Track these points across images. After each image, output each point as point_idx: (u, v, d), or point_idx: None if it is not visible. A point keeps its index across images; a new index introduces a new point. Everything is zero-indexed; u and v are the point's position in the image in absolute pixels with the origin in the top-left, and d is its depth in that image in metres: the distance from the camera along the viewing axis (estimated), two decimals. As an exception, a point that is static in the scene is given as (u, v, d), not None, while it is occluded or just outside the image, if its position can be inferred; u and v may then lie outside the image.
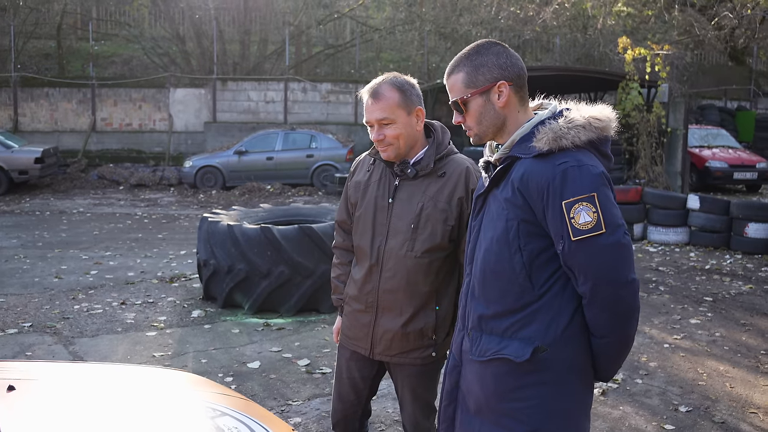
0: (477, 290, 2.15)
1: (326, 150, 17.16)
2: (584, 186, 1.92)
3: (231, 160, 16.73)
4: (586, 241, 1.92)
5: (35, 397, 2.08)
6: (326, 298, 6.58)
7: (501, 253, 2.06)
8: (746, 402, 4.64)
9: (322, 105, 20.39)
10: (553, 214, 1.95)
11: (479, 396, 2.13)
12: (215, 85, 19.76)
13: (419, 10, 22.98)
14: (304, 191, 16.54)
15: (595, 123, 2.03)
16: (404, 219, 2.62)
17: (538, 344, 2.01)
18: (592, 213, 1.91)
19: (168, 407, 2.14)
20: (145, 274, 8.05)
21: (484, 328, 2.13)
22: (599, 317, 1.99)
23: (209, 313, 6.51)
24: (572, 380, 2.05)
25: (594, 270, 1.93)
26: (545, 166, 1.97)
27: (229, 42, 21.98)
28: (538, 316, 2.03)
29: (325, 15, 23.02)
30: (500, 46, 2.14)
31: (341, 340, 2.89)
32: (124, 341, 5.67)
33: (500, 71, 2.10)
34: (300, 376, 4.96)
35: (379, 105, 2.58)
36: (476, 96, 2.11)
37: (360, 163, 2.86)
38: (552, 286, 2.03)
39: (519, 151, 2.06)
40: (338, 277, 2.92)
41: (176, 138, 19.50)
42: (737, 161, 15.44)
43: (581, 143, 2.00)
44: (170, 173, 17.47)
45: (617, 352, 2.06)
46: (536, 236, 2.02)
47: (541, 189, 1.96)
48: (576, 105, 2.12)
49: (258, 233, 6.44)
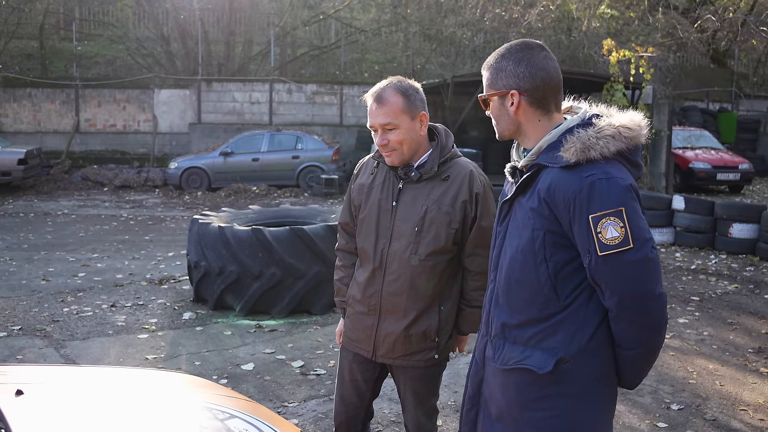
0: (501, 298, 2.13)
1: (312, 151, 17.15)
2: (612, 200, 1.88)
3: (216, 161, 16.67)
4: (612, 257, 1.89)
5: (46, 401, 2.08)
6: (318, 300, 6.59)
7: (526, 262, 2.03)
8: (736, 399, 4.71)
9: (308, 106, 20.37)
10: (580, 228, 1.92)
11: (501, 403, 2.12)
12: (200, 86, 19.68)
13: (404, 11, 23.02)
14: (290, 192, 16.51)
15: (626, 132, 1.98)
16: (408, 222, 2.62)
17: (561, 355, 1.99)
18: (620, 228, 1.88)
19: (178, 410, 2.14)
20: (134, 276, 8.01)
21: (507, 336, 2.11)
22: (626, 331, 1.97)
23: (200, 315, 6.49)
24: (595, 391, 2.03)
25: (621, 285, 1.91)
26: (572, 178, 1.94)
27: (214, 43, 21.90)
28: (562, 327, 2.01)
29: (310, 16, 22.99)
30: (526, 52, 2.07)
31: (343, 342, 2.89)
32: (116, 344, 5.64)
33: (515, 80, 2.06)
34: (295, 377, 4.97)
35: (383, 110, 2.57)
36: (494, 98, 2.12)
37: (363, 165, 2.86)
38: (577, 297, 2.01)
39: (546, 160, 2.02)
40: (341, 280, 2.91)
41: (161, 139, 19.39)
42: (720, 162, 15.61)
43: (610, 154, 1.95)
44: (155, 174, 17.37)
45: (644, 363, 2.05)
46: (562, 247, 1.99)
47: (568, 201, 1.93)
48: (607, 111, 2.08)
49: (249, 235, 6.43)
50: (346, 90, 20.54)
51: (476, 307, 2.73)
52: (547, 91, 2.07)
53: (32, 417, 1.95)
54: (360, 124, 20.32)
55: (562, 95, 2.12)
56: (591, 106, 2.15)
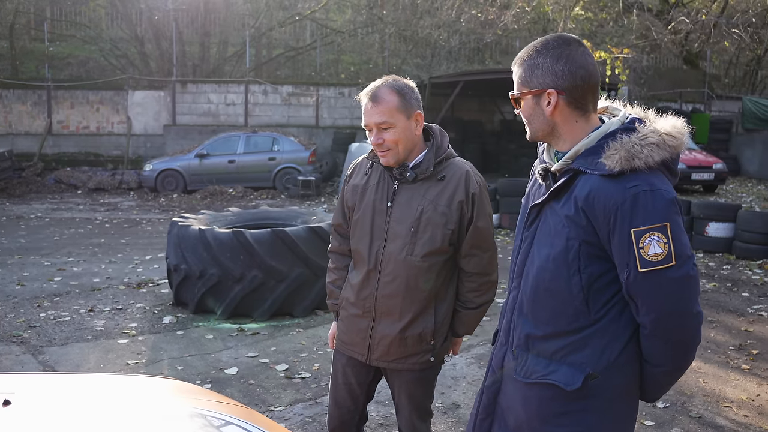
0: (526, 307, 2.04)
1: (288, 153, 17.06)
2: (657, 214, 1.79)
3: (192, 163, 16.52)
4: (654, 273, 1.80)
5: (35, 411, 2.01)
6: (300, 302, 6.53)
7: (558, 272, 1.93)
8: (720, 396, 4.74)
9: (283, 107, 20.27)
10: (620, 241, 1.82)
11: (520, 415, 2.04)
12: (175, 87, 19.48)
13: (380, 12, 22.99)
14: (267, 194, 16.41)
15: (670, 141, 1.88)
16: (404, 223, 2.58)
17: (589, 371, 1.91)
18: (664, 244, 1.79)
19: (171, 418, 2.09)
20: (111, 280, 7.89)
21: (530, 348, 2.02)
22: (659, 348, 1.90)
23: (181, 318, 6.40)
24: (620, 406, 1.97)
25: (660, 303, 1.83)
26: (615, 188, 1.82)
27: (189, 44, 21.70)
28: (591, 342, 1.92)
29: (285, 17, 22.87)
30: (564, 48, 1.93)
31: (337, 346, 2.84)
32: (96, 349, 5.53)
33: (553, 78, 1.92)
34: (279, 381, 4.91)
35: (378, 109, 2.53)
36: (527, 97, 1.98)
37: (357, 166, 2.82)
38: (609, 311, 1.92)
39: (584, 165, 1.90)
40: (334, 282, 2.87)
41: (135, 141, 19.17)
42: (695, 162, 15.79)
43: (654, 164, 1.84)
44: (130, 177, 17.17)
45: (671, 380, 2.00)
46: (598, 259, 1.90)
47: (609, 212, 1.83)
48: (648, 115, 1.98)
49: (230, 237, 6.35)
50: (322, 91, 20.48)
51: (472, 309, 2.70)
52: (586, 90, 1.94)
53: (23, 428, 1.88)
54: (336, 125, 20.27)
55: (599, 94, 2.01)
56: (628, 107, 2.05)
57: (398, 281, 2.59)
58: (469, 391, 4.76)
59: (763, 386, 4.97)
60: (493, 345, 2.26)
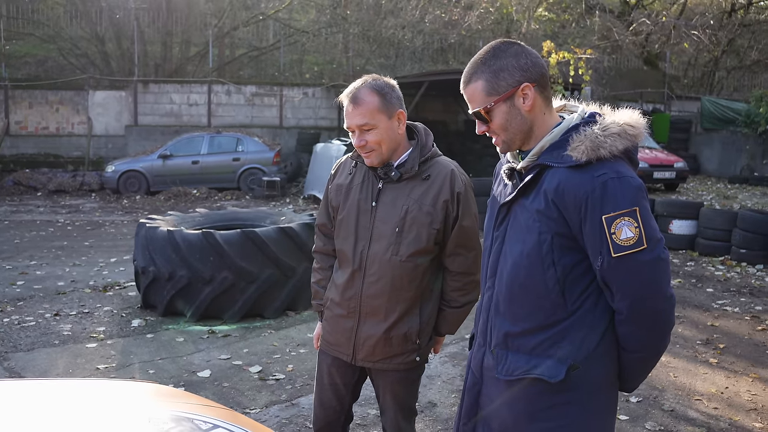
0: (502, 306, 2.05)
1: (253, 153, 16.93)
2: (626, 200, 1.83)
3: (155, 164, 16.30)
4: (626, 258, 1.84)
5: (18, 417, 1.95)
6: (270, 304, 6.48)
7: (532, 267, 1.95)
8: (690, 390, 4.83)
9: (247, 108, 20.11)
10: (592, 229, 1.86)
11: (506, 417, 2.04)
12: (136, 87, 19.19)
13: (344, 12, 22.95)
14: (231, 195, 16.27)
15: (630, 130, 1.93)
16: (388, 222, 2.56)
17: (571, 362, 1.93)
18: (635, 228, 1.83)
19: (159, 422, 2.05)
20: (76, 283, 7.73)
21: (510, 346, 2.03)
22: (635, 333, 1.93)
23: (150, 321, 6.30)
24: (602, 396, 2.00)
25: (634, 287, 1.86)
26: (583, 178, 1.87)
27: (150, 43, 21.39)
28: (569, 334, 1.95)
29: (249, 17, 22.69)
30: (517, 45, 2.00)
31: (322, 346, 2.81)
32: (64, 354, 5.41)
33: (522, 73, 1.95)
34: (254, 383, 4.86)
35: (359, 110, 2.50)
36: (500, 103, 1.98)
37: (341, 165, 2.79)
38: (584, 302, 1.95)
39: (550, 159, 1.94)
40: (318, 282, 2.84)
41: (96, 142, 18.82)
42: (656, 161, 16.05)
43: (618, 152, 1.89)
44: (91, 178, 16.85)
45: (647, 366, 2.03)
46: (570, 250, 1.92)
47: (579, 202, 1.86)
48: (606, 109, 2.03)
49: (200, 238, 6.27)
50: (285, 91, 20.36)
51: (456, 308, 2.69)
52: (548, 80, 2.02)
53: None
54: (300, 125, 20.17)
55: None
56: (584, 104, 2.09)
57: (383, 281, 2.57)
58: (445, 389, 4.77)
59: (731, 379, 5.07)
60: (470, 349, 2.26)
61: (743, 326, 6.40)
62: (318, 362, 2.85)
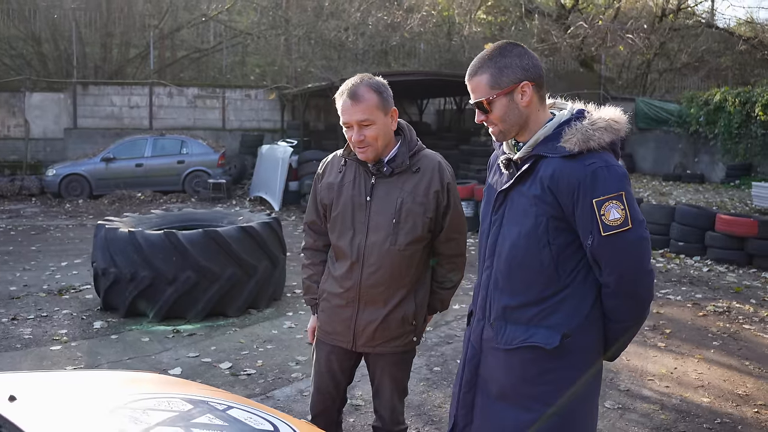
0: (501, 282, 2.27)
1: (198, 156, 16.82)
2: (613, 185, 2.07)
3: (98, 167, 16.03)
4: (614, 236, 2.07)
5: (43, 405, 2.03)
6: (233, 302, 6.54)
7: (529, 247, 2.18)
8: (642, 371, 5.14)
9: (189, 110, 19.92)
10: (583, 211, 2.09)
11: (504, 382, 2.27)
12: (75, 89, 18.79)
13: (285, 14, 22.92)
14: (177, 198, 16.14)
15: (615, 125, 2.17)
16: (384, 215, 2.70)
17: (564, 331, 2.17)
18: (621, 210, 2.06)
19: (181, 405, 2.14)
20: (29, 287, 7.61)
21: (508, 318, 2.25)
22: (621, 305, 2.17)
23: (112, 323, 6.28)
24: (591, 361, 2.24)
25: (621, 262, 2.10)
26: (575, 166, 2.10)
27: (89, 44, 20.92)
28: (563, 305, 2.18)
29: (189, 18, 22.45)
30: (521, 47, 2.22)
31: (319, 336, 2.92)
32: (28, 357, 5.37)
33: (524, 72, 2.18)
34: (226, 379, 4.93)
35: (359, 107, 2.63)
36: (501, 96, 2.19)
37: (329, 164, 2.90)
38: (575, 277, 2.18)
39: (545, 150, 2.17)
40: (310, 278, 2.95)
41: (34, 145, 18.35)
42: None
43: (606, 144, 2.13)
44: (30, 182, 16.46)
45: (630, 336, 2.28)
46: (563, 231, 2.16)
47: (572, 187, 2.09)
48: (592, 107, 2.26)
49: (162, 239, 6.29)
50: (228, 93, 20.25)
51: (449, 288, 2.90)
52: (544, 80, 2.25)
53: (37, 420, 1.91)
54: (243, 127, 20.09)
55: None
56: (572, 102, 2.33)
57: (382, 271, 2.71)
58: (413, 378, 4.91)
59: (678, 360, 5.40)
60: (468, 324, 2.47)
61: (686, 313, 6.77)
62: (316, 352, 2.96)
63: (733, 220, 9.14)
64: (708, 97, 18.49)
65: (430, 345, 5.71)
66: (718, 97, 17.99)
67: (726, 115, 17.71)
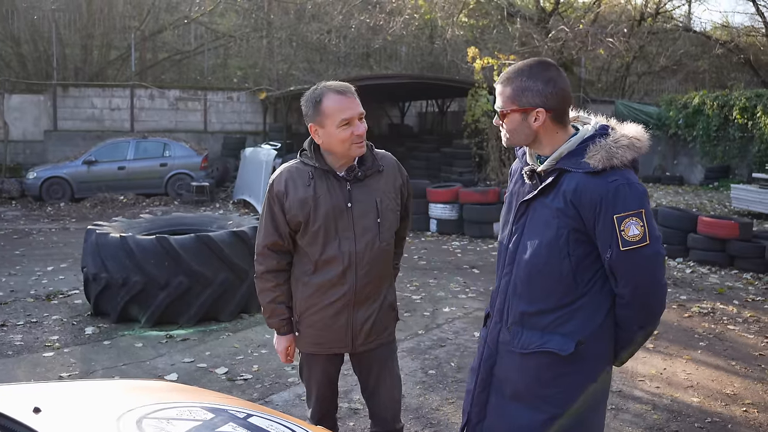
0: (520, 288, 2.35)
1: (181, 158, 16.76)
2: (634, 203, 2.16)
3: (80, 170, 15.91)
4: (632, 251, 2.17)
5: (67, 416, 2.05)
6: (226, 307, 6.55)
7: (550, 257, 2.27)
8: (633, 372, 5.23)
9: (171, 112, 19.85)
10: (604, 226, 2.18)
11: (518, 384, 2.37)
12: (55, 91, 18.65)
13: (267, 16, 22.91)
14: (160, 201, 16.06)
15: (637, 143, 2.25)
16: (368, 217, 2.78)
17: (579, 338, 2.26)
18: (640, 227, 2.16)
19: (203, 415, 2.17)
20: (17, 293, 7.56)
21: (525, 324, 2.35)
22: (634, 315, 2.27)
23: (104, 328, 6.27)
24: (601, 368, 2.34)
25: (637, 276, 2.21)
26: (598, 183, 2.18)
27: (69, 46, 20.76)
28: (578, 313, 2.28)
29: (171, 20, 22.35)
30: (555, 71, 2.27)
31: (311, 350, 2.90)
32: (21, 364, 5.35)
33: (542, 99, 2.25)
34: (223, 384, 4.95)
35: (357, 101, 2.72)
36: (515, 113, 2.29)
37: (289, 180, 2.77)
38: (592, 287, 2.28)
39: (568, 165, 2.25)
40: (275, 300, 2.87)
41: (13, 147, 18.19)
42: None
43: (627, 162, 2.22)
44: (11, 185, 16.29)
45: (639, 343, 2.38)
46: (583, 243, 2.25)
47: (594, 203, 2.18)
48: (616, 123, 2.34)
49: (154, 244, 6.28)
50: (210, 96, 20.20)
51: (397, 267, 3.13)
52: (567, 108, 2.32)
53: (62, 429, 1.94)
54: (225, 130, 20.06)
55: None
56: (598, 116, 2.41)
57: (374, 270, 2.81)
58: (409, 381, 4.98)
59: (667, 361, 5.51)
60: (485, 326, 2.57)
61: (672, 314, 6.89)
62: (307, 366, 2.97)
63: (715, 222, 9.31)
64: (686, 101, 18.76)
65: (424, 348, 5.77)
66: (696, 101, 18.27)
67: (704, 118, 17.98)
